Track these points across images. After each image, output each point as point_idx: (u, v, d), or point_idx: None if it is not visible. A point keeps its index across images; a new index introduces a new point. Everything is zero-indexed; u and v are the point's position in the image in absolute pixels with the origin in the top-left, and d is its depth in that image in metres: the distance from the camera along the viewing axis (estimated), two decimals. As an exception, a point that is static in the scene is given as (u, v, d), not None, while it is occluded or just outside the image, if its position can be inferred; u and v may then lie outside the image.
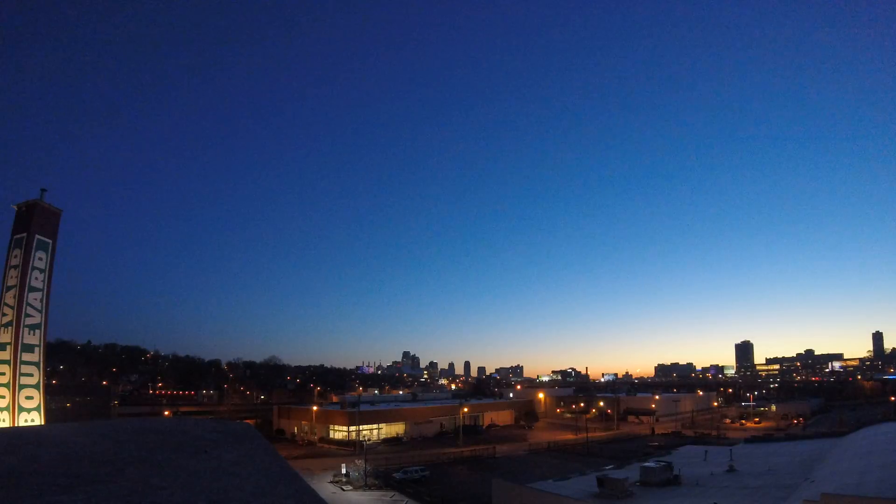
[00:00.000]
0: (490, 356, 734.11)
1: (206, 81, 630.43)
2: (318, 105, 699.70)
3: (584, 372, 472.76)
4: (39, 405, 34.70)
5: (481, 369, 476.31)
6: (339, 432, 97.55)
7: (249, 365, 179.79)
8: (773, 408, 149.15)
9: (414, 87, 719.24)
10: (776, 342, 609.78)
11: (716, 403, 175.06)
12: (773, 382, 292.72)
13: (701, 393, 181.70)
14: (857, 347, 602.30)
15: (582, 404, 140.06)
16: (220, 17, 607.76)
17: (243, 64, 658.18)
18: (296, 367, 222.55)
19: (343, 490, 56.98)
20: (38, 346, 35.38)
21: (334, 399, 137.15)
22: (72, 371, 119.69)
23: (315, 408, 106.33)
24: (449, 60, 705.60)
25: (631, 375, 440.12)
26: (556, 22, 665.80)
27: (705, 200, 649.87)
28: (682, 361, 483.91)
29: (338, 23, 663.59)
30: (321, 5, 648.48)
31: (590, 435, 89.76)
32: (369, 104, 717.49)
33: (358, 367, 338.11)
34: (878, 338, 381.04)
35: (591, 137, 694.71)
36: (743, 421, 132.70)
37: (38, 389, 34.86)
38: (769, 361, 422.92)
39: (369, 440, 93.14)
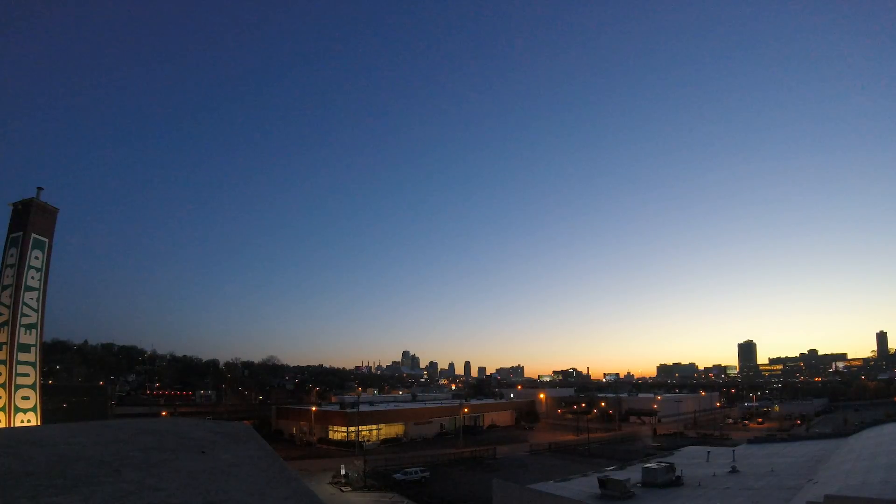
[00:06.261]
0: (490, 356, 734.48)
1: (202, 81, 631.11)
2: (318, 104, 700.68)
3: (585, 372, 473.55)
4: (36, 405, 34.44)
5: (481, 369, 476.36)
6: (337, 433, 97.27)
7: (247, 365, 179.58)
8: (777, 408, 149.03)
9: (414, 85, 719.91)
10: (779, 342, 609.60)
11: (718, 404, 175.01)
12: (776, 382, 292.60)
13: (703, 393, 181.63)
14: (860, 347, 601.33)
15: (583, 405, 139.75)
16: (217, 15, 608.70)
17: (239, 65, 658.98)
18: (294, 367, 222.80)
19: (342, 491, 56.71)
20: (35, 345, 35.12)
21: (333, 399, 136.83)
22: (68, 371, 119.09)
23: (314, 408, 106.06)
24: (447, 63, 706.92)
25: (633, 375, 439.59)
26: (549, 18, 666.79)
27: (707, 199, 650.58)
28: (685, 361, 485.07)
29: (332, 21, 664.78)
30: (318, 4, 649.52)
31: (591, 436, 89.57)
32: (370, 103, 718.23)
33: (357, 367, 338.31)
34: (881, 337, 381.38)
35: (592, 135, 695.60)
36: (745, 421, 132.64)
37: (35, 390, 34.60)
38: (772, 361, 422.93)
39: (368, 441, 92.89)
